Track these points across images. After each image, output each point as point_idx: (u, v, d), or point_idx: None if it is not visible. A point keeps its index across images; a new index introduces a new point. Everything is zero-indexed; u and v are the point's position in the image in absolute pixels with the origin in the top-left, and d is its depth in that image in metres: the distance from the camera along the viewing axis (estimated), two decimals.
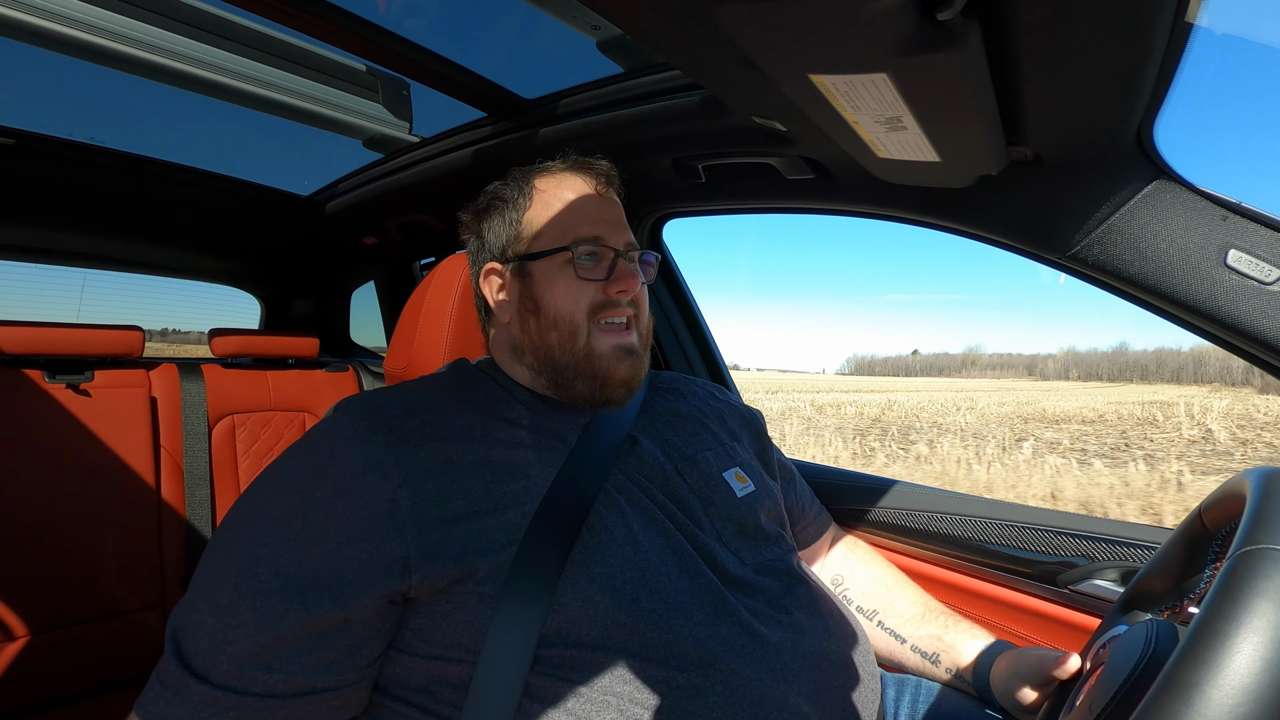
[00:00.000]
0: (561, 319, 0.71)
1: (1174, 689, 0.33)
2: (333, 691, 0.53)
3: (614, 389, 0.71)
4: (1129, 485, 8.83)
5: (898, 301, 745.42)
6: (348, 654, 0.54)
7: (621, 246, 0.74)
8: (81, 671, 1.32)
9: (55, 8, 0.98)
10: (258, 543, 0.54)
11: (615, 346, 0.71)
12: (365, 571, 0.53)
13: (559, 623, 0.56)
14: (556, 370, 0.71)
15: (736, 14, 0.47)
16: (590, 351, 0.70)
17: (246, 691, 0.50)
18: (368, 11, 0.95)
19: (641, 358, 0.74)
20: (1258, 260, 0.66)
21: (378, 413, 0.63)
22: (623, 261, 0.73)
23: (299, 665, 0.52)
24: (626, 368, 0.71)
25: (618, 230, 0.75)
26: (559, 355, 0.71)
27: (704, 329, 1.49)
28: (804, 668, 0.62)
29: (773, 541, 0.74)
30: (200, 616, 0.52)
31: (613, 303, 0.71)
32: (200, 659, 0.51)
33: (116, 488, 1.40)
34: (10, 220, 1.51)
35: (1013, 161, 0.74)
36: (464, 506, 0.58)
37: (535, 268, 0.73)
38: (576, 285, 0.71)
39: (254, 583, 0.52)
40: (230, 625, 0.51)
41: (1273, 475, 0.44)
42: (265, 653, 0.51)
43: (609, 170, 0.78)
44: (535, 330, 0.72)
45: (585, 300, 0.71)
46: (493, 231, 0.78)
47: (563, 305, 0.71)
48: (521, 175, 0.79)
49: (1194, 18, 0.51)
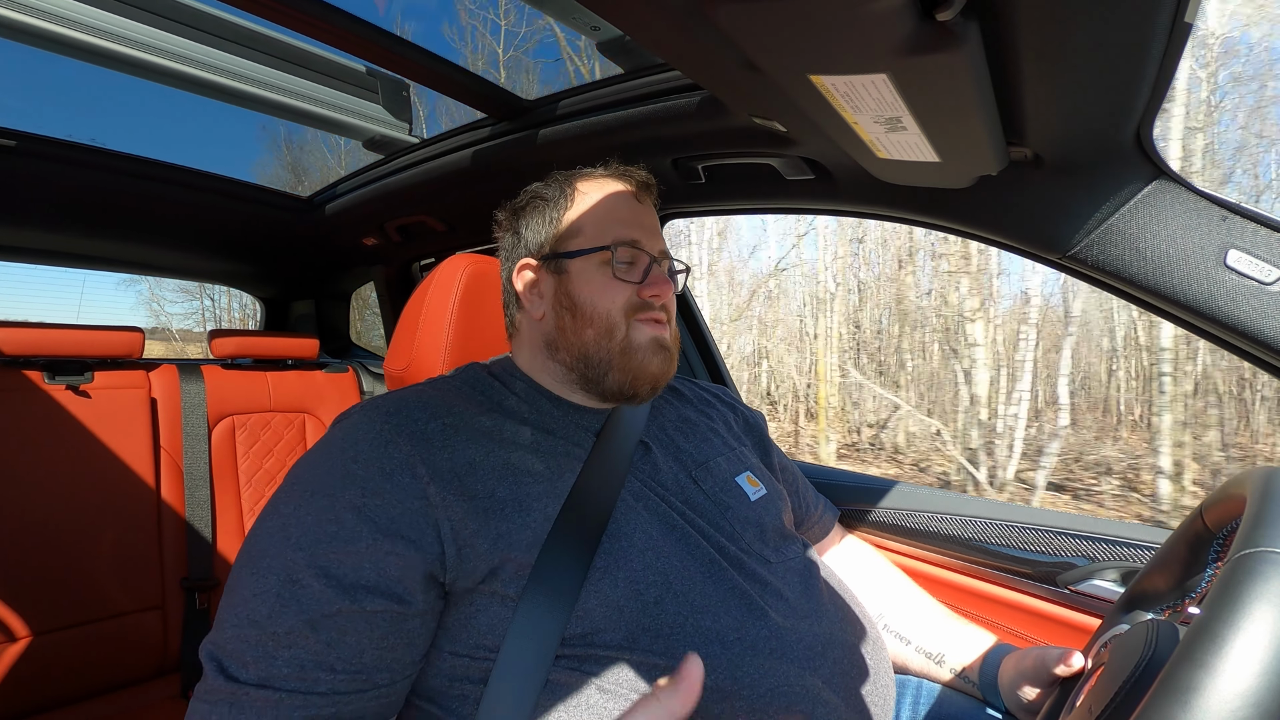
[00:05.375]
0: (599, 316, 0.72)
1: (1173, 692, 0.33)
2: (390, 687, 0.54)
3: (643, 383, 0.72)
4: None
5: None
6: (406, 651, 0.54)
7: (656, 253, 0.75)
8: (82, 673, 1.32)
9: (55, 8, 0.98)
10: (293, 550, 0.53)
11: (652, 339, 0.72)
12: (409, 567, 0.53)
13: (584, 627, 0.56)
14: (589, 365, 0.72)
15: (736, 15, 0.47)
16: (628, 345, 0.71)
17: (311, 691, 0.50)
18: (368, 12, 0.96)
19: (673, 356, 0.75)
20: (1258, 260, 0.66)
21: (398, 415, 0.62)
22: (656, 267, 0.74)
23: (361, 664, 0.51)
24: (660, 361, 0.73)
25: (653, 237, 0.76)
26: (593, 350, 0.72)
27: (704, 329, 1.49)
28: (834, 668, 0.62)
29: (790, 541, 0.75)
30: (240, 631, 0.51)
31: (646, 305, 0.73)
32: (252, 669, 0.49)
33: (116, 489, 1.40)
34: (10, 221, 1.51)
35: (1012, 162, 0.74)
36: (488, 505, 0.58)
37: (573, 265, 0.74)
38: (614, 285, 0.72)
39: (296, 589, 0.51)
40: (278, 632, 0.50)
41: (1273, 476, 0.44)
42: (327, 652, 0.50)
43: (648, 179, 0.80)
44: (570, 326, 0.73)
45: (621, 299, 0.72)
46: (530, 229, 0.79)
47: (600, 303, 0.72)
48: (564, 177, 0.80)
49: (1193, 18, 0.51)
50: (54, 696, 1.29)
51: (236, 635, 0.51)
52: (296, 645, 0.50)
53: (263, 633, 0.50)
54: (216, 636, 0.52)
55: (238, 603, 0.52)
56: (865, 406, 9.47)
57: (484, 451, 0.62)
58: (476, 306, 0.94)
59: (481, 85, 1.12)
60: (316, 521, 0.54)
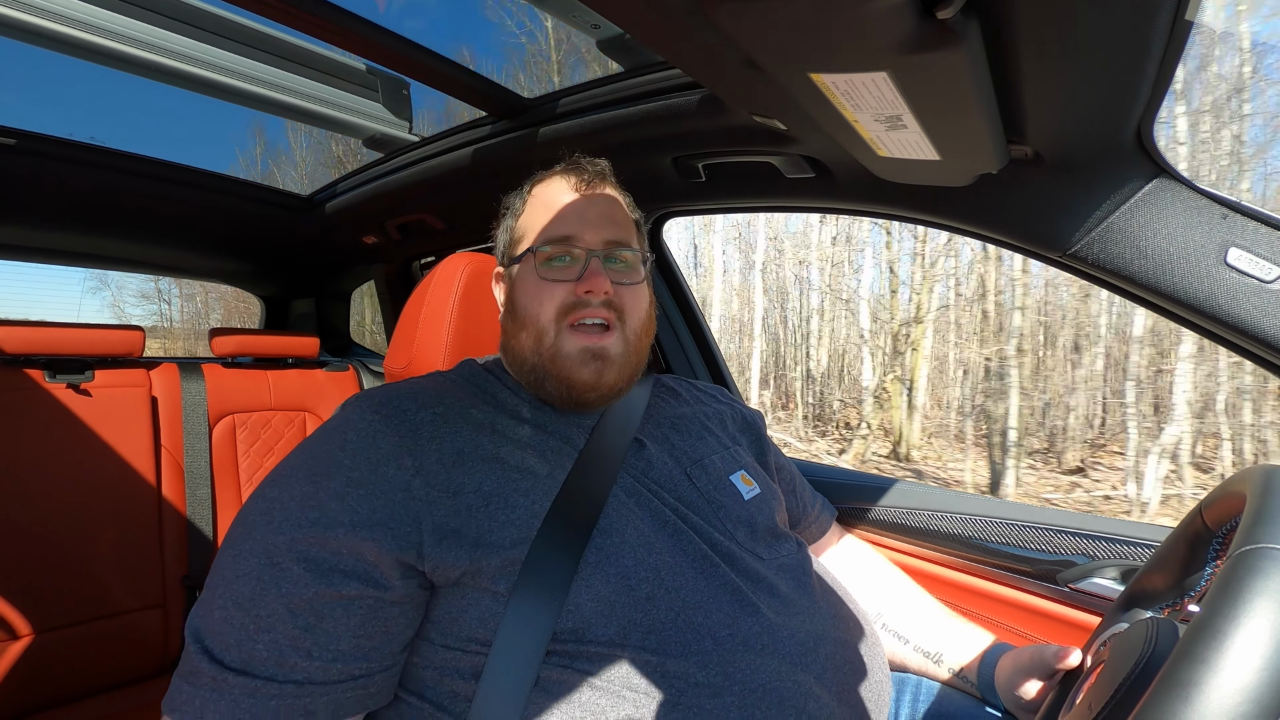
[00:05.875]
0: (529, 319, 0.70)
1: (1174, 688, 0.33)
2: (368, 678, 0.54)
3: (581, 392, 0.69)
4: None
5: None
6: (384, 640, 0.54)
7: (597, 245, 0.72)
8: (83, 671, 1.32)
9: (55, 8, 0.98)
10: (274, 533, 0.54)
11: (581, 349, 0.69)
12: (386, 554, 0.54)
13: (575, 622, 0.56)
14: (526, 371, 0.71)
15: (736, 13, 0.47)
16: (556, 352, 0.69)
17: (287, 679, 0.50)
18: (368, 11, 0.96)
19: (612, 363, 0.70)
20: (1258, 258, 0.66)
21: (389, 405, 0.63)
22: (596, 261, 0.71)
23: (337, 651, 0.52)
24: (590, 372, 0.68)
25: (596, 228, 0.73)
26: (529, 356, 0.70)
27: (704, 329, 1.49)
28: (826, 664, 0.62)
29: (783, 539, 0.74)
30: (224, 612, 0.52)
31: (583, 303, 0.69)
32: (233, 652, 0.50)
33: (117, 487, 1.40)
34: (10, 220, 1.51)
35: (1013, 160, 0.74)
36: (475, 500, 0.58)
37: (516, 270, 0.75)
38: (544, 286, 0.70)
39: (276, 571, 0.52)
40: (260, 615, 0.51)
41: (1273, 473, 0.44)
42: (304, 637, 0.51)
43: (598, 168, 0.77)
44: (511, 331, 0.73)
45: (554, 302, 0.69)
46: (500, 238, 0.82)
47: (530, 306, 0.70)
48: (528, 182, 0.81)
49: (1193, 16, 0.51)
50: (55, 695, 1.29)
51: (221, 618, 0.52)
52: (275, 629, 0.51)
53: (245, 615, 0.51)
54: (203, 614, 0.53)
55: (221, 582, 0.53)
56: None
57: (474, 444, 0.62)
58: (476, 305, 0.94)
59: (481, 83, 1.12)
60: (300, 507, 0.55)
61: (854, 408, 10.29)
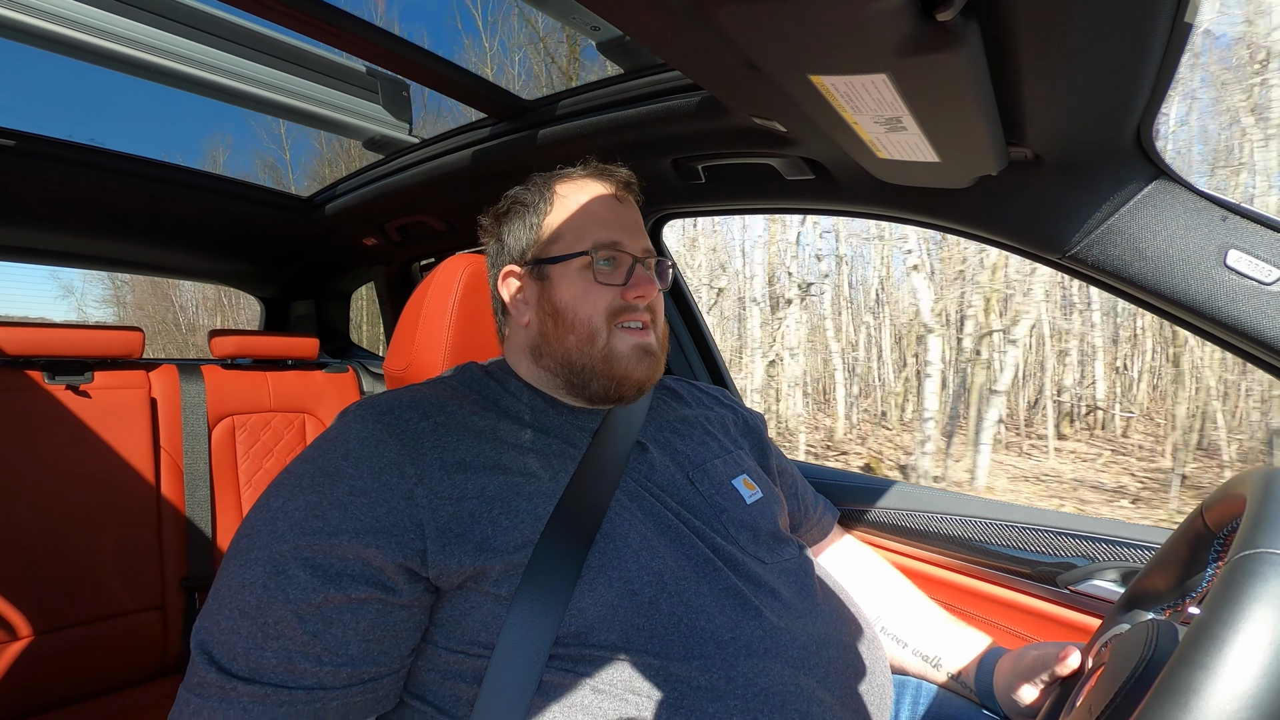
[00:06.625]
0: (580, 322, 0.71)
1: (1173, 692, 0.33)
2: (377, 681, 0.54)
3: (628, 388, 0.72)
4: None
5: None
6: (392, 643, 0.55)
7: (639, 253, 0.75)
8: (83, 672, 1.32)
9: (55, 8, 0.98)
10: (279, 542, 0.54)
11: (634, 346, 0.72)
12: (390, 560, 0.54)
13: (577, 626, 0.56)
14: (573, 371, 0.72)
15: (736, 15, 0.47)
16: (610, 353, 0.71)
17: (297, 685, 0.50)
18: (368, 12, 0.96)
19: (659, 359, 0.75)
20: (1258, 260, 0.66)
21: (390, 414, 0.63)
22: (640, 267, 0.74)
23: (346, 656, 0.52)
24: (645, 368, 0.72)
25: (635, 236, 0.75)
26: (576, 357, 0.71)
27: (704, 331, 1.49)
28: (828, 668, 0.62)
29: (785, 543, 0.74)
30: (231, 622, 0.52)
31: (630, 307, 0.72)
32: (241, 661, 0.50)
33: (116, 489, 1.40)
34: (10, 221, 1.51)
35: (1012, 162, 0.74)
36: (478, 505, 0.58)
37: (554, 271, 0.74)
38: (595, 289, 0.72)
39: (282, 578, 0.52)
40: (267, 623, 0.51)
41: (1273, 477, 0.44)
42: (313, 642, 0.51)
43: (628, 177, 0.79)
44: (554, 333, 0.73)
45: (603, 304, 0.72)
46: (512, 235, 0.79)
47: (581, 309, 0.72)
48: (542, 180, 0.79)
49: (1193, 17, 0.51)
50: (54, 696, 1.29)
51: (229, 627, 0.52)
52: (284, 636, 0.51)
53: (253, 624, 0.51)
54: (209, 625, 0.53)
55: (226, 592, 0.53)
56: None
57: (476, 450, 0.62)
58: (476, 306, 0.94)
59: (481, 85, 1.12)
60: (303, 516, 0.55)
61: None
